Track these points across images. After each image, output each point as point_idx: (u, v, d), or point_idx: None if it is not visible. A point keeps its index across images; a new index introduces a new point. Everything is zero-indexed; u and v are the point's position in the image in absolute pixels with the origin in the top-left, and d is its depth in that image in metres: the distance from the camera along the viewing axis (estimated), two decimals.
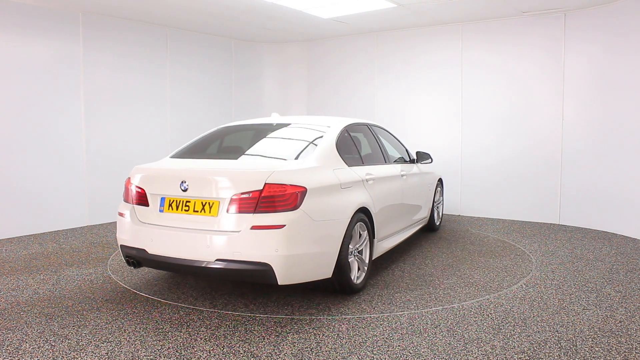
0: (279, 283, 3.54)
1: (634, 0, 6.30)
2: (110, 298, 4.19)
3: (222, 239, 3.56)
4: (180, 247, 3.71)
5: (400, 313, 3.84)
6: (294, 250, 3.54)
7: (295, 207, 3.55)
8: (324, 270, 3.85)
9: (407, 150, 6.08)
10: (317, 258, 3.76)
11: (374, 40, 8.74)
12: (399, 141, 6.04)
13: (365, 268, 4.37)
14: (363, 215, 4.29)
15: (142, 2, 6.60)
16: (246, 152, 4.37)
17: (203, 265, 3.61)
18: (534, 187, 7.50)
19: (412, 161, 5.99)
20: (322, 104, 9.41)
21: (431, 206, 6.57)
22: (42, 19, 6.67)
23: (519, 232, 6.83)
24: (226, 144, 4.75)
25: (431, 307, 3.96)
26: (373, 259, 4.62)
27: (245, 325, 3.61)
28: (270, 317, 3.76)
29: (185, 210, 3.76)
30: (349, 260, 4.11)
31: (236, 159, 4.19)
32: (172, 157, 4.46)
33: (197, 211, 3.71)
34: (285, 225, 3.48)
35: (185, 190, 3.76)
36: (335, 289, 4.15)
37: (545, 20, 7.23)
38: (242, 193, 3.55)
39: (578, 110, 7.10)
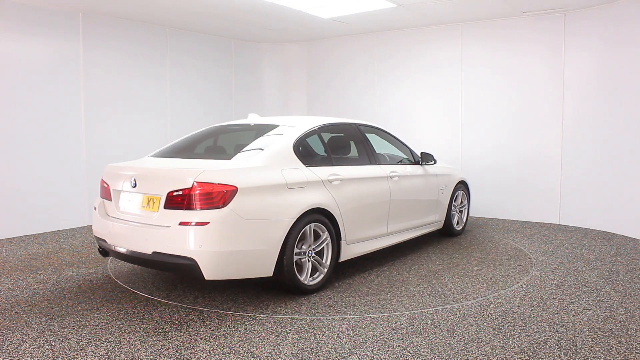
0: (205, 278, 3.67)
1: (634, 0, 6.30)
2: (110, 298, 4.19)
3: (157, 232, 3.78)
4: (129, 239, 4.00)
5: (400, 313, 3.84)
6: (220, 247, 3.66)
7: (222, 206, 3.67)
8: (262, 269, 3.91)
9: (411, 151, 5.90)
10: (251, 256, 3.84)
11: (374, 40, 8.74)
12: (401, 142, 5.85)
13: (325, 270, 4.36)
14: (321, 216, 4.29)
15: (142, 2, 6.60)
16: (207, 152, 4.66)
17: (143, 257, 3.88)
18: (534, 187, 7.50)
19: (416, 162, 5.84)
20: (323, 104, 9.41)
21: (446, 210, 6.27)
22: (42, 19, 6.67)
23: (519, 232, 6.83)
24: (197, 144, 4.88)
25: (370, 314, 3.95)
26: (341, 261, 4.59)
27: (245, 325, 3.61)
28: (270, 317, 3.76)
29: (136, 205, 4.03)
30: (301, 260, 4.18)
31: (193, 158, 4.41)
32: (151, 156, 4.69)
33: (144, 206, 3.96)
34: (209, 223, 3.62)
35: (134, 187, 4.04)
36: (286, 289, 4.21)
37: (545, 20, 7.23)
38: (175, 190, 3.75)
39: (578, 110, 7.10)
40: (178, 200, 3.72)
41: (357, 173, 4.86)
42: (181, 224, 3.66)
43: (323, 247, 4.36)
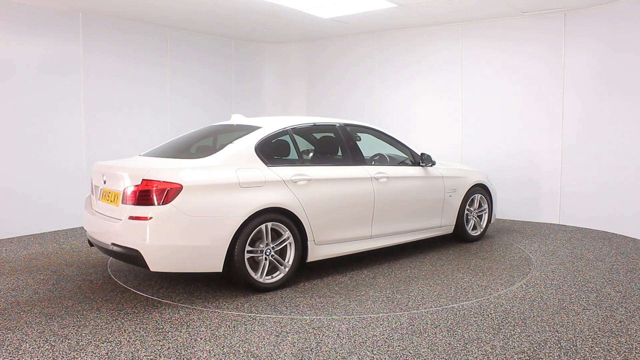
0: (150, 269, 3.91)
1: (634, 0, 6.30)
2: (110, 298, 4.19)
3: (114, 225, 4.06)
4: (99, 230, 4.33)
5: (400, 313, 3.84)
6: (162, 241, 3.89)
7: (166, 202, 3.88)
8: (210, 264, 4.06)
9: (411, 151, 5.65)
10: (196, 251, 4.00)
11: (374, 41, 8.74)
12: (399, 142, 5.64)
13: (286, 269, 4.39)
14: (280, 215, 4.34)
15: (142, 2, 6.60)
16: (179, 152, 4.79)
17: (106, 247, 4.17)
18: (534, 187, 7.50)
19: (416, 164, 5.62)
20: (323, 103, 9.41)
21: (456, 214, 5.94)
22: (42, 19, 6.66)
23: (519, 232, 6.83)
24: (179, 145, 4.97)
25: (306, 315, 3.95)
26: (311, 261, 4.60)
27: (245, 325, 3.61)
28: (270, 317, 3.76)
29: (106, 199, 4.31)
30: (258, 258, 4.27)
31: (169, 157, 4.56)
32: (142, 155, 4.92)
33: (112, 201, 4.22)
34: (152, 218, 3.85)
35: (105, 183, 4.36)
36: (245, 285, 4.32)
37: (546, 20, 7.23)
38: (128, 187, 4.02)
39: (578, 110, 7.10)
40: (130, 196, 3.98)
41: (330, 173, 4.80)
42: (129, 218, 3.92)
43: (286, 247, 4.41)
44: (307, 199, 4.51)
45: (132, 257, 3.96)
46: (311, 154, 5.23)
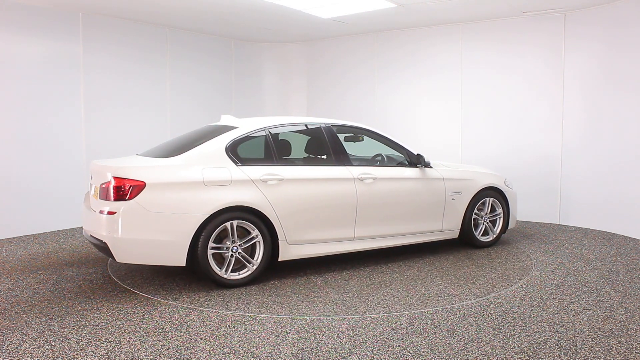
0: (117, 260, 4.18)
1: (634, 0, 6.31)
2: (110, 298, 4.19)
3: (91, 218, 4.37)
4: (85, 225, 4.62)
5: (400, 313, 3.84)
6: (126, 235, 4.12)
7: (130, 198, 4.13)
8: (173, 258, 4.25)
9: (408, 152, 5.44)
10: (159, 245, 4.20)
11: (374, 40, 8.74)
12: (395, 143, 5.46)
13: (254, 267, 4.47)
14: (248, 214, 4.42)
15: (142, 2, 6.60)
16: (163, 151, 4.82)
17: (88, 239, 4.47)
18: (534, 187, 7.50)
19: (413, 164, 5.45)
20: (322, 104, 9.41)
21: (461, 218, 5.66)
22: (42, 19, 6.67)
23: (519, 232, 6.82)
24: (175, 145, 4.99)
25: (250, 313, 3.95)
26: (284, 260, 4.63)
27: (245, 325, 3.61)
28: (270, 317, 3.76)
29: (94, 195, 4.54)
30: (224, 255, 4.39)
31: (156, 157, 4.67)
32: (137, 154, 5.06)
33: (95, 196, 4.46)
34: (116, 212, 4.11)
35: (91, 179, 4.66)
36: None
37: (546, 20, 7.23)
38: (102, 184, 4.30)
39: (578, 111, 7.10)
40: (103, 192, 4.27)
41: (306, 174, 4.79)
42: (100, 212, 4.21)
43: (255, 245, 4.49)
44: (277, 199, 4.55)
45: (103, 248, 4.23)
46: (290, 154, 5.18)
